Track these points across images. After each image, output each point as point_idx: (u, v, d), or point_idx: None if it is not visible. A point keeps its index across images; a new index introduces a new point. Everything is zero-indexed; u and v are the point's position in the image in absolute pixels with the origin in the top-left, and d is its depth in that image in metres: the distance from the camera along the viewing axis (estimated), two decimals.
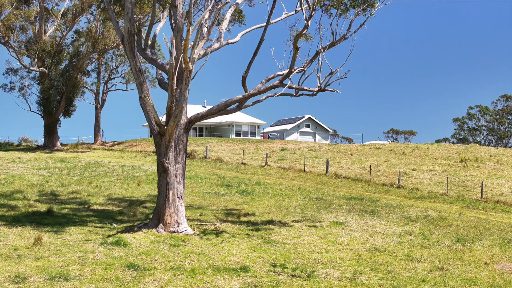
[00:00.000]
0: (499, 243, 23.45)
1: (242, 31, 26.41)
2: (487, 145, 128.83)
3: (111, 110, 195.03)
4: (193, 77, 22.89)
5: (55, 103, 69.81)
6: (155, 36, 26.47)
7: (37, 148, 70.87)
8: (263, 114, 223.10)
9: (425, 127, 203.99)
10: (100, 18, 66.45)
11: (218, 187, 37.52)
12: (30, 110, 71.99)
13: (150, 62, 25.77)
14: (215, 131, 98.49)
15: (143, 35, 25.76)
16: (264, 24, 24.98)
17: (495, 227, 27.40)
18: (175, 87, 21.96)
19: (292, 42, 23.70)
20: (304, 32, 22.75)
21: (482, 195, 36.60)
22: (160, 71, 25.63)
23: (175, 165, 23.37)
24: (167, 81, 23.82)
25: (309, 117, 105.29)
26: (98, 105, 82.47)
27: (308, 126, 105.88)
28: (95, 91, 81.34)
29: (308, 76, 24.32)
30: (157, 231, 22.92)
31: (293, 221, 26.74)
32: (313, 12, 22.68)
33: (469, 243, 23.16)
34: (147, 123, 75.15)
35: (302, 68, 23.24)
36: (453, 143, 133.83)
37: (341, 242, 22.46)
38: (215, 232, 23.55)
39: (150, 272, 17.02)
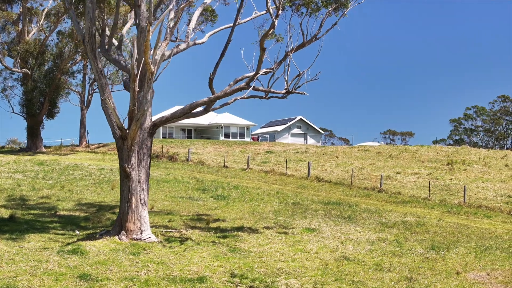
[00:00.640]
0: (475, 251, 22.75)
1: (210, 32, 25.67)
2: (484, 146, 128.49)
3: (98, 112, 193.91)
4: (156, 79, 22.15)
5: (38, 105, 68.88)
6: (122, 36, 25.74)
7: (20, 150, 69.96)
8: (255, 115, 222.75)
9: (423, 128, 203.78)
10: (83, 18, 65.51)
11: (194, 191, 36.77)
12: (13, 112, 71.10)
13: (113, 64, 25.08)
14: (204, 133, 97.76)
15: (110, 36, 25.04)
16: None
17: (474, 234, 26.70)
18: (137, 89, 21.24)
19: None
20: (270, 32, 22.06)
21: (464, 199, 35.89)
22: (125, 73, 24.93)
23: (138, 170, 22.63)
24: None
25: (301, 118, 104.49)
26: (84, 107, 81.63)
27: (299, 127, 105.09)
28: (80, 92, 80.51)
29: (278, 77, 23.63)
30: (119, 239, 22.22)
31: (264, 227, 26.02)
32: (280, 12, 21.98)
33: (444, 251, 22.46)
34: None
35: (268, 70, 22.52)
36: (450, 144, 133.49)
37: (310, 250, 21.76)
38: (180, 239, 22.84)
39: (102, 283, 16.33)
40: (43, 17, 67.95)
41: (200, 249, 21.29)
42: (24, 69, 66.97)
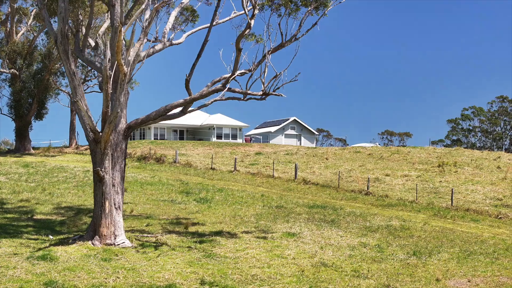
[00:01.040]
0: (458, 257, 22.31)
1: (188, 32, 25.20)
2: (481, 147, 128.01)
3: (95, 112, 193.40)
4: (129, 81, 21.67)
5: (26, 106, 68.32)
6: (99, 37, 25.25)
7: (8, 151, 69.39)
8: (250, 116, 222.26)
9: (421, 129, 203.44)
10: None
11: (177, 194, 36.28)
12: (1, 113, 70.52)
13: (87, 64, 24.64)
14: (196, 134, 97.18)
15: (84, 36, 24.56)
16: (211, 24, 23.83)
17: (459, 238, 26.25)
18: (110, 91, 20.81)
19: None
20: (246, 33, 21.61)
21: (452, 202, 35.43)
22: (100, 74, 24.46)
23: (112, 174, 22.17)
24: None
25: (294, 119, 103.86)
26: (73, 108, 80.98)
27: (293, 128, 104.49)
28: (70, 93, 79.85)
29: (256, 79, 23.16)
30: (93, 244, 21.78)
31: (243, 232, 25.56)
32: (257, 12, 21.51)
33: (425, 257, 22.02)
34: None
35: (244, 71, 22.07)
36: (448, 144, 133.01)
37: (287, 255, 21.32)
38: (155, 244, 22.38)
39: None
40: (32, 17, 67.41)
41: (175, 254, 20.84)
42: (12, 70, 66.42)
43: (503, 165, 53.98)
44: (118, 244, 21.87)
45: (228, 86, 22.07)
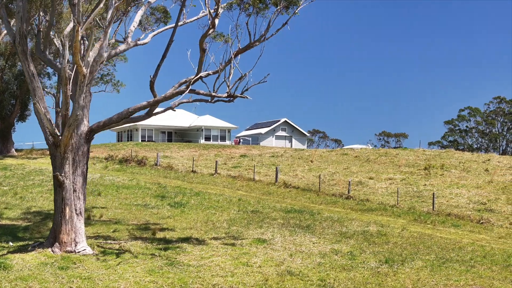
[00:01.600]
0: (432, 264, 21.68)
1: (154, 32, 24.53)
2: (477, 148, 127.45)
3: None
4: (88, 82, 21.01)
5: (9, 107, 67.58)
6: (63, 37, 24.56)
7: None
8: (242, 117, 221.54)
9: (419, 130, 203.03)
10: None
11: (152, 198, 35.62)
12: None
13: (48, 65, 23.97)
14: (185, 136, 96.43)
15: (45, 36, 23.88)
16: (181, 23, 23.20)
17: (437, 245, 25.63)
18: (69, 93, 20.18)
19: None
20: (210, 33, 20.96)
21: (433, 207, 34.76)
22: None
23: (73, 179, 21.51)
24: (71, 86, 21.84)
25: (285, 121, 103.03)
26: (59, 109, 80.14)
27: (284, 129, 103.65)
28: (55, 94, 79.04)
29: (224, 80, 22.50)
30: (52, 251, 21.16)
31: (213, 238, 24.91)
32: (220, 10, 20.84)
33: (398, 265, 21.38)
34: (115, 127, 72.46)
35: (208, 73, 21.38)
36: (445, 146, 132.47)
37: (253, 263, 20.67)
38: (117, 252, 21.73)
39: None
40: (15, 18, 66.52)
41: (136, 262, 20.19)
42: None
43: (491, 168, 53.31)
44: (79, 252, 21.23)
45: (190, 87, 21.39)
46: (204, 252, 22.05)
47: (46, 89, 76.44)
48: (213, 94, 21.49)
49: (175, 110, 22.79)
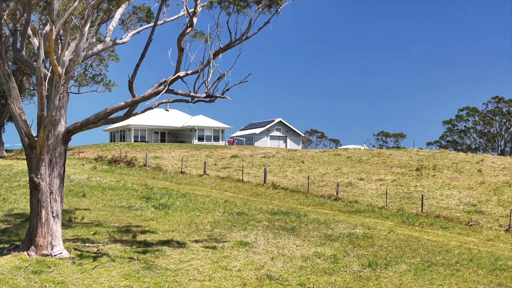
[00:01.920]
0: (417, 268, 21.32)
1: (133, 31, 24.16)
2: (475, 149, 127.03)
3: (70, 114, 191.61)
4: (64, 83, 20.63)
5: None
6: (40, 36, 24.18)
7: None
8: (238, 117, 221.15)
9: (418, 130, 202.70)
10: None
11: (137, 199, 35.25)
12: None
13: (25, 65, 23.57)
14: (178, 136, 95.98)
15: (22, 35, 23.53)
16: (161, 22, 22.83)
17: (423, 247, 25.30)
18: (45, 93, 19.77)
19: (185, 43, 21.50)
20: (188, 31, 20.59)
21: (422, 209, 34.45)
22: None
23: (49, 181, 21.14)
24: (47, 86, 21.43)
25: (280, 121, 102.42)
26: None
27: (278, 130, 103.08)
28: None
29: (204, 80, 22.12)
30: (28, 255, 20.75)
31: (194, 241, 24.54)
32: (199, 8, 20.48)
33: (381, 268, 21.02)
34: (109, 127, 72.42)
35: (186, 73, 20.98)
36: (442, 145, 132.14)
37: (233, 267, 20.28)
38: (95, 255, 21.33)
39: None
40: (5, 15, 66.02)
41: (113, 266, 19.81)
42: None
43: (485, 169, 53.00)
44: (55, 255, 20.85)
45: (169, 88, 21.01)
46: (184, 256, 21.68)
47: (36, 89, 76.03)
48: (192, 94, 21.12)
49: (167, 110, 22.39)
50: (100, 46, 22.97)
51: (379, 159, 59.20)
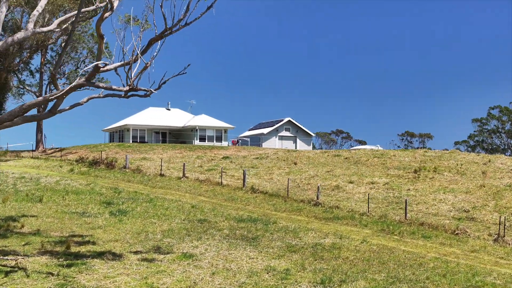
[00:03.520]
0: (377, 285, 19.01)
1: (60, 18, 21.99)
2: (503, 149, 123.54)
3: (68, 114, 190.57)
4: None
5: None
6: None
7: None
8: (249, 117, 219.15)
9: (445, 129, 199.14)
10: (25, 11, 62.06)
11: (97, 205, 33.18)
12: None
13: None
14: (179, 136, 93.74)
15: None
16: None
17: (395, 260, 22.93)
18: None
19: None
20: (106, 16, 18.35)
21: (406, 215, 31.99)
22: None
23: None
24: None
25: (289, 120, 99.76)
26: (41, 109, 78.02)
27: (288, 129, 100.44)
28: (36, 92, 76.96)
29: (142, 71, 19.93)
30: None
31: (134, 252, 22.34)
32: None
33: (335, 285, 18.71)
34: (108, 127, 71.04)
35: (105, 63, 18.72)
36: (470, 145, 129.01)
37: (161, 285, 18.12)
38: (10, 269, 19.18)
39: None
40: None
41: (23, 283, 17.66)
42: None
43: (491, 171, 50.37)
44: None
45: (89, 81, 18.81)
46: (112, 270, 19.49)
47: (27, 87, 74.44)
48: (114, 87, 18.91)
49: (168, 109, 20.29)
50: (20, 34, 20.80)
51: (378, 160, 56.71)
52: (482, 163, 55.79)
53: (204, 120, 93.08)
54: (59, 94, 19.09)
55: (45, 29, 21.10)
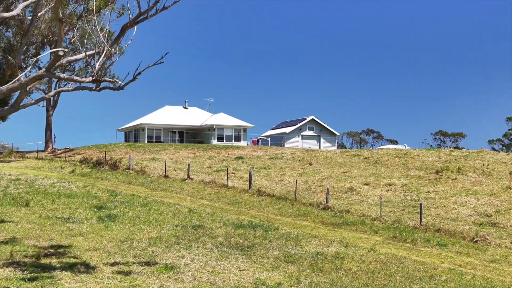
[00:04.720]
0: None
1: (25, 2, 20.19)
2: None
3: (68, 112, 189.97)
4: None
5: None
6: None
7: None
8: (273, 115, 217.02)
9: (478, 128, 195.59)
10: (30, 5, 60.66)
11: (86, 209, 31.52)
12: None
13: None
14: (196, 136, 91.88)
15: None
16: None
17: (403, 272, 20.91)
18: None
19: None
20: None
21: (420, 221, 29.80)
22: None
23: None
24: None
25: (312, 119, 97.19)
26: (50, 107, 76.89)
27: (311, 129, 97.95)
28: (45, 91, 75.63)
29: (114, 62, 18.15)
30: None
31: (111, 263, 20.55)
32: None
33: None
34: (122, 127, 69.87)
35: (64, 51, 16.83)
36: (504, 143, 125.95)
37: None
38: None
39: None
40: None
41: None
42: None
43: None
44: None
45: (42, 70, 16.99)
46: (81, 284, 17.69)
47: (35, 86, 73.18)
48: (76, 78, 17.08)
49: (186, 107, 18.51)
50: None
51: (399, 161, 54.41)
52: (510, 163, 53.25)
53: (222, 119, 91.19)
54: (16, 85, 17.29)
55: (7, 14, 19.36)
